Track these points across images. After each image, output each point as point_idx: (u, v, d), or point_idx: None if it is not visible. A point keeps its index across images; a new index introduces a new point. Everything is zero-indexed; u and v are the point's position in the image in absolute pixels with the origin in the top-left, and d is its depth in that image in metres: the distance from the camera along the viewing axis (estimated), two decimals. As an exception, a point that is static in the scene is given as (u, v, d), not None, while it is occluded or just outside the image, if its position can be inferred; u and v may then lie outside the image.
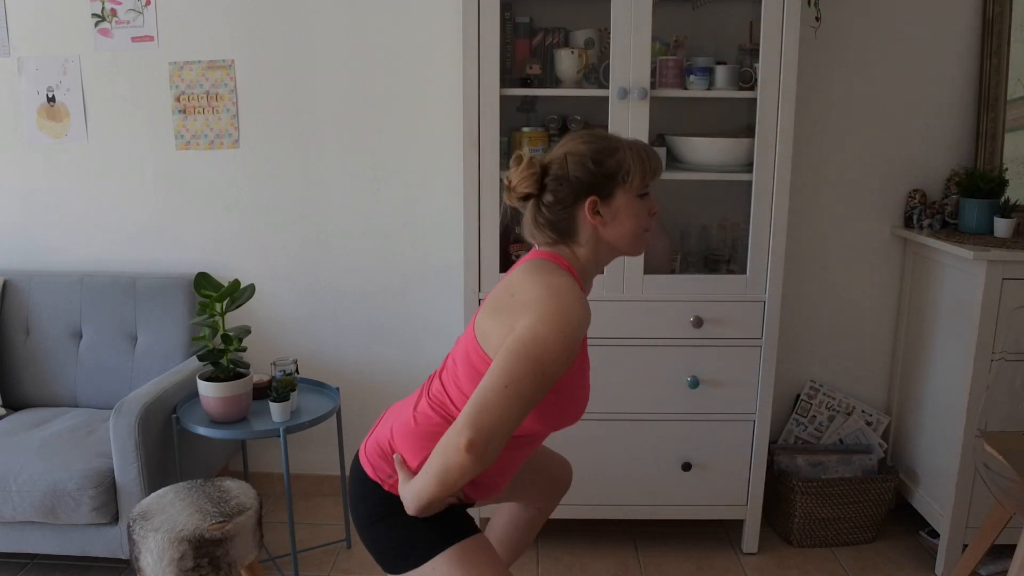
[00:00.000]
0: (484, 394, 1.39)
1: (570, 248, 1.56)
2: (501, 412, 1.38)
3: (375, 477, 1.60)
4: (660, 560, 2.67)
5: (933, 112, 2.77)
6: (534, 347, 1.39)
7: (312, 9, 2.79)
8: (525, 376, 1.38)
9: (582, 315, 1.43)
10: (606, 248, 1.56)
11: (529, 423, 1.52)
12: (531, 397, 1.40)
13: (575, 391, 1.57)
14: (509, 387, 1.38)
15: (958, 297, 2.50)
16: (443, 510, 1.56)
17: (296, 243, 2.95)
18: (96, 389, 2.80)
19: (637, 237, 1.57)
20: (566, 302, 1.43)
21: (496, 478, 1.64)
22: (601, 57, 2.53)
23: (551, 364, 1.40)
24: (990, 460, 2.04)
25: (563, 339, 1.40)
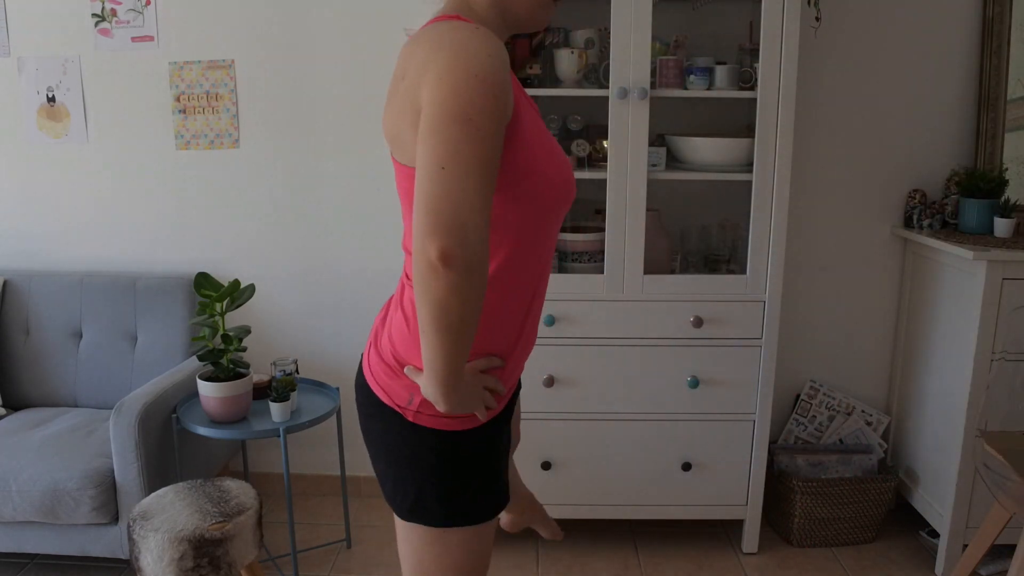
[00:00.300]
0: (423, 188, 1.08)
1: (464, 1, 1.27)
2: (455, 197, 1.07)
3: (392, 404, 1.30)
4: (660, 560, 2.67)
5: (933, 112, 2.77)
6: (449, 104, 1.09)
7: (312, 9, 2.79)
8: (457, 142, 1.08)
9: (487, 45, 1.13)
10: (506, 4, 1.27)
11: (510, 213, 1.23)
12: (480, 164, 1.09)
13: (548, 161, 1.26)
14: (447, 164, 1.08)
15: (958, 297, 2.50)
16: (486, 476, 1.32)
17: (296, 243, 2.95)
18: (96, 389, 2.81)
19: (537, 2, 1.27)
20: (461, 41, 1.13)
21: (530, 335, 1.35)
22: (601, 57, 2.53)
23: (479, 113, 1.09)
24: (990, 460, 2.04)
25: (477, 78, 1.10)
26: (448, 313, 1.10)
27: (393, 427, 1.30)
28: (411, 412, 1.28)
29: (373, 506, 3.03)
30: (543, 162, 1.24)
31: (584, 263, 2.55)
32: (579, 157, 2.50)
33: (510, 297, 1.28)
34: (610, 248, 2.47)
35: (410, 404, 1.28)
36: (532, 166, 1.23)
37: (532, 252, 1.29)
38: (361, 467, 3.08)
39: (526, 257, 1.28)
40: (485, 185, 1.09)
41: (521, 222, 1.24)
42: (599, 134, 2.57)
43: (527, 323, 1.33)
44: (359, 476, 3.09)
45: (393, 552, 2.72)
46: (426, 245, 1.06)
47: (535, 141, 1.24)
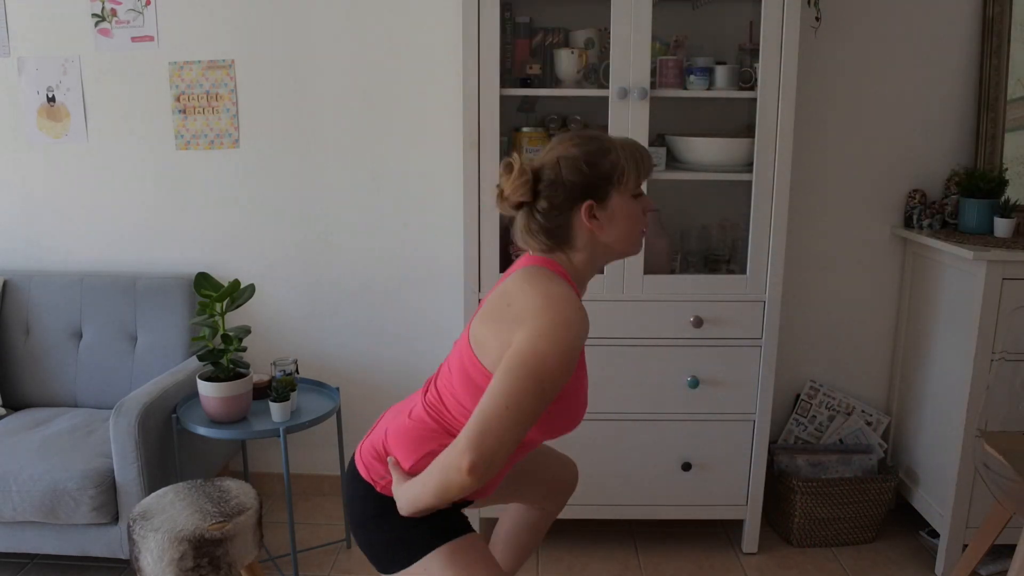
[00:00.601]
0: (485, 414, 1.36)
1: (565, 254, 1.53)
2: (502, 433, 1.35)
3: (368, 478, 1.60)
4: (660, 560, 2.67)
5: (933, 112, 2.77)
6: (534, 364, 1.36)
7: (312, 9, 2.79)
8: (526, 394, 1.36)
9: (581, 327, 1.41)
10: (603, 251, 1.54)
11: (532, 433, 1.52)
12: (532, 414, 1.37)
13: (572, 400, 1.54)
14: (510, 407, 1.35)
15: (958, 297, 2.50)
16: (440, 513, 1.56)
17: (296, 243, 2.95)
18: (96, 389, 2.80)
19: (635, 237, 1.55)
20: (565, 314, 1.40)
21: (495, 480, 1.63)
22: (601, 57, 2.53)
23: (551, 380, 1.37)
24: (990, 460, 2.04)
25: (563, 353, 1.37)
26: (449, 491, 1.40)
27: (367, 497, 1.59)
28: (380, 485, 1.59)
29: (373, 506, 3.03)
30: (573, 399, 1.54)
31: (584, 263, 2.55)
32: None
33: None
34: (610, 248, 2.47)
35: (382, 480, 1.59)
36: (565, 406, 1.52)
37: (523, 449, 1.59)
38: (361, 467, 3.08)
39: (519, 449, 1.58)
40: (526, 430, 1.38)
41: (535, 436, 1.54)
42: (599, 134, 2.57)
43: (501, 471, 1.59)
44: (359, 476, 3.08)
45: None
46: (465, 450, 1.35)
47: (573, 393, 1.53)
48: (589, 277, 1.58)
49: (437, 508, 1.49)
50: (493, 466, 1.36)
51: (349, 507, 1.64)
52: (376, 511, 1.58)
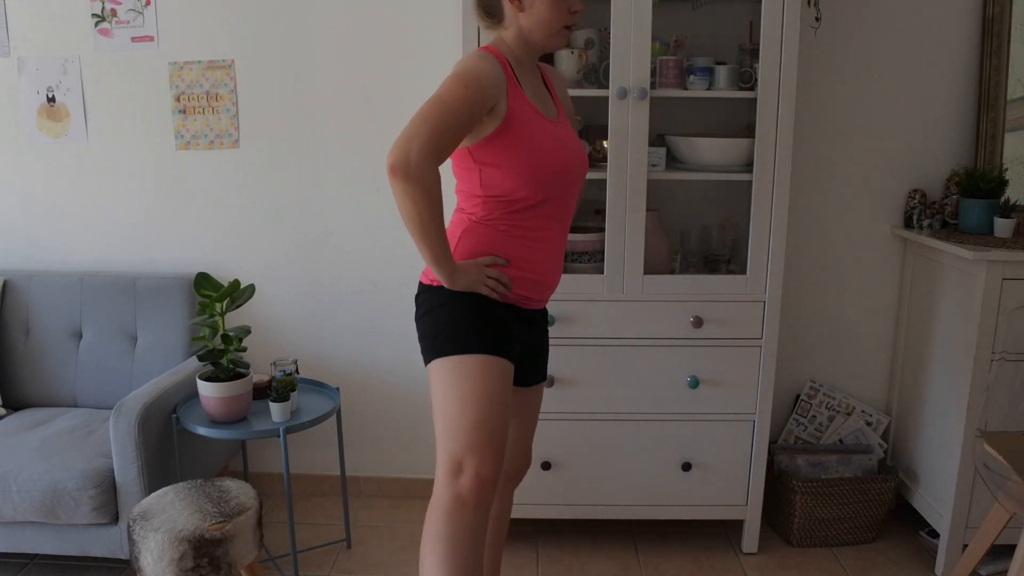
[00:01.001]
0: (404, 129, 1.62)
1: (498, 34, 1.81)
2: (408, 133, 1.60)
3: (427, 280, 1.84)
4: (660, 560, 2.67)
5: (933, 112, 2.77)
6: (442, 86, 1.65)
7: (312, 9, 2.79)
8: (431, 108, 1.62)
9: (478, 63, 1.68)
10: (525, 34, 1.78)
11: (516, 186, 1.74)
12: (437, 123, 1.60)
13: (540, 147, 1.75)
14: (415, 118, 1.61)
15: (958, 297, 2.50)
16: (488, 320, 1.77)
17: (296, 243, 2.95)
18: (96, 389, 2.81)
19: (553, 29, 1.76)
20: (469, 60, 1.70)
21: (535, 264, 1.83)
22: (601, 57, 2.53)
23: (450, 96, 1.62)
24: (990, 460, 2.04)
25: (458, 76, 1.65)
26: (405, 210, 1.63)
27: (426, 292, 1.83)
28: (431, 279, 1.82)
29: (373, 506, 3.03)
30: (536, 147, 1.75)
31: (584, 263, 2.55)
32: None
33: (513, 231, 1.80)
34: (610, 248, 2.47)
35: (430, 275, 1.82)
36: (528, 149, 1.74)
37: (539, 207, 1.79)
38: (361, 467, 3.09)
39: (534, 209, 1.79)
40: (434, 136, 1.60)
41: (521, 186, 1.75)
42: (599, 134, 2.57)
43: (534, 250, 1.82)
44: (359, 476, 3.09)
45: (393, 552, 2.72)
46: (386, 159, 1.61)
47: (530, 133, 1.74)
48: (525, 57, 1.81)
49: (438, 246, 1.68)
50: (411, 159, 1.58)
51: (416, 310, 1.87)
52: (433, 303, 1.80)
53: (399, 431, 3.06)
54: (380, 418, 3.05)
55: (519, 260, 1.81)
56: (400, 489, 3.09)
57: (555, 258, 1.88)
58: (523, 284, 1.83)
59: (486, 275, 1.76)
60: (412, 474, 3.09)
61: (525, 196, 1.77)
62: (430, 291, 1.82)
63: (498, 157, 1.74)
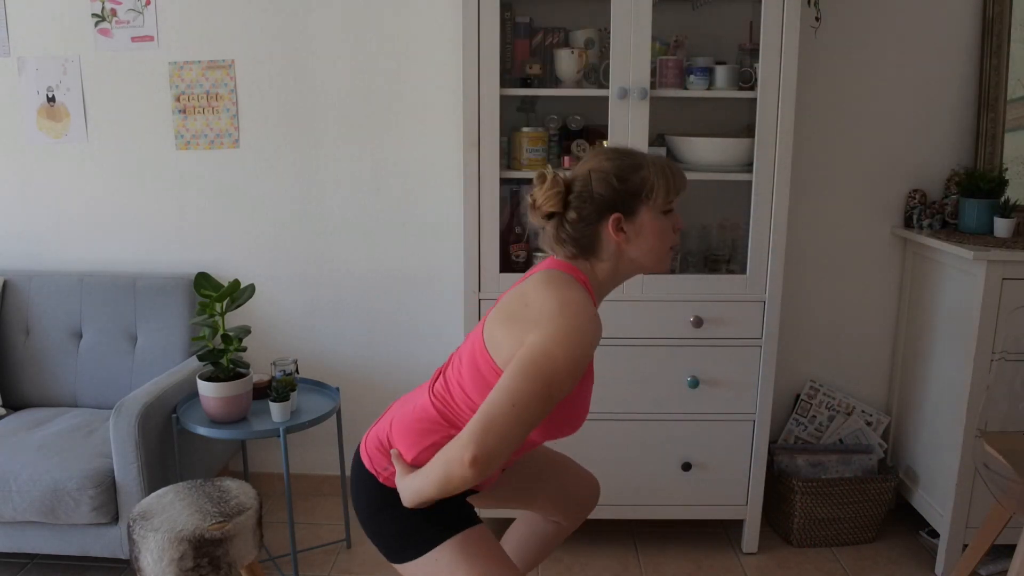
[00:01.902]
0: (491, 411, 1.39)
1: (590, 263, 1.56)
2: (506, 431, 1.38)
3: (371, 469, 1.63)
4: (660, 560, 2.67)
5: (933, 112, 2.77)
6: (544, 366, 1.39)
7: (312, 9, 2.79)
8: (533, 395, 1.38)
9: (595, 335, 1.43)
10: (628, 264, 1.56)
11: (536, 433, 1.55)
12: (537, 415, 1.40)
13: (575, 405, 1.56)
14: (516, 406, 1.38)
15: (958, 297, 2.50)
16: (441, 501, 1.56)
17: (296, 243, 2.95)
18: (96, 389, 2.80)
19: (661, 254, 1.56)
20: (580, 321, 1.42)
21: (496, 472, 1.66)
22: (601, 57, 2.53)
23: (559, 384, 1.40)
24: (990, 460, 2.04)
25: (574, 360, 1.40)
26: (450, 483, 1.42)
27: (370, 488, 1.62)
28: (382, 476, 1.61)
29: (373, 506, 3.03)
30: (577, 406, 1.56)
31: (584, 263, 2.55)
32: (579, 157, 2.50)
33: None
34: (610, 248, 2.47)
35: (385, 471, 1.61)
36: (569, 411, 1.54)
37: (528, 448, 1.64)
38: (361, 467, 3.08)
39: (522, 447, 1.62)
40: (529, 431, 1.40)
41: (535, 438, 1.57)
42: (599, 134, 2.57)
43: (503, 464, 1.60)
44: (359, 476, 3.08)
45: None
46: (468, 443, 1.38)
47: (578, 397, 1.55)
48: (610, 288, 1.60)
49: (438, 499, 1.51)
50: (494, 462, 1.38)
51: (355, 498, 1.67)
52: (381, 503, 1.61)
53: (399, 431, 3.05)
54: (380, 418, 3.05)
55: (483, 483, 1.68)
56: (400, 489, 3.09)
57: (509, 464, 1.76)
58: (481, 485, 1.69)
59: None
60: (412, 474, 3.08)
61: (530, 441, 1.60)
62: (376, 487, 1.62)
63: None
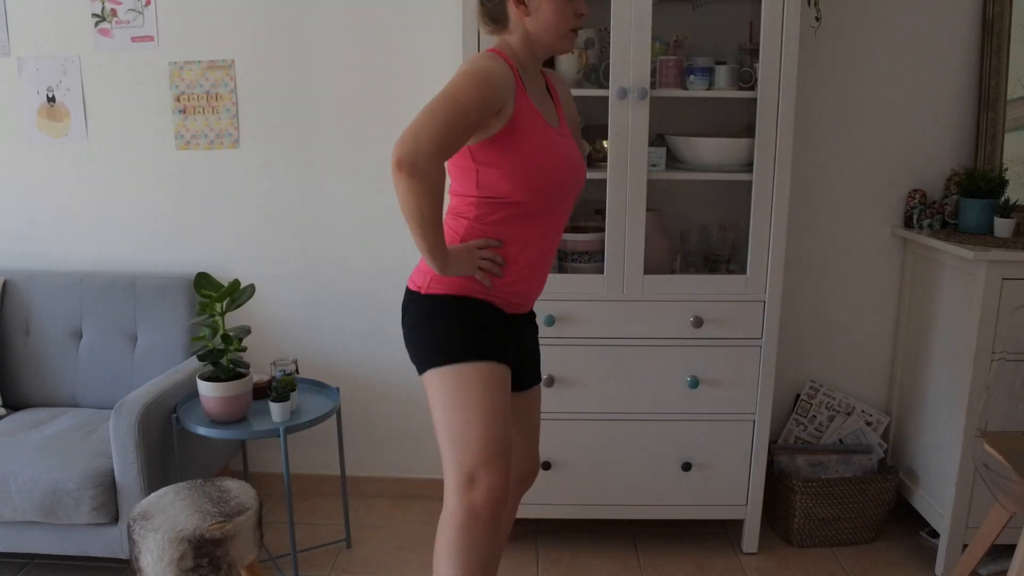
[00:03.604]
0: (411, 123, 1.60)
1: (503, 38, 1.80)
2: (416, 128, 1.58)
3: (414, 287, 1.83)
4: (660, 560, 2.67)
5: (933, 112, 2.77)
6: (450, 86, 1.64)
7: (312, 9, 2.79)
8: (439, 103, 1.60)
9: (489, 63, 1.67)
10: (531, 39, 1.77)
11: (512, 189, 1.74)
12: (446, 120, 1.59)
13: (541, 153, 1.75)
14: (423, 113, 1.60)
15: (958, 297, 2.50)
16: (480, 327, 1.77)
17: (296, 243, 2.95)
18: (96, 389, 2.80)
19: (560, 32, 1.77)
20: (478, 60, 1.69)
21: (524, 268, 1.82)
22: (601, 57, 2.53)
23: (461, 93, 1.61)
24: (990, 460, 2.04)
25: (470, 74, 1.64)
26: (407, 204, 1.62)
27: (415, 302, 1.82)
28: (424, 288, 1.80)
29: (373, 506, 3.03)
30: (538, 154, 1.75)
31: (584, 263, 2.55)
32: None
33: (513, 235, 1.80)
34: (610, 248, 2.47)
35: (424, 283, 1.81)
36: (529, 154, 1.74)
37: (532, 216, 1.79)
38: (361, 467, 3.09)
39: (526, 217, 1.79)
40: (444, 133, 1.59)
41: (516, 191, 1.75)
42: (599, 134, 2.57)
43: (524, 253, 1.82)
44: (359, 476, 3.09)
45: (393, 552, 2.72)
46: (392, 154, 1.58)
47: (534, 139, 1.74)
48: (530, 61, 1.80)
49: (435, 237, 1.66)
50: (418, 157, 1.57)
51: (405, 319, 1.85)
52: (427, 311, 1.80)
53: (399, 431, 3.06)
54: (380, 418, 3.05)
55: (509, 263, 1.81)
56: (400, 489, 3.09)
57: (544, 266, 1.89)
58: (510, 285, 1.83)
59: (479, 257, 1.76)
60: (412, 474, 3.09)
61: (520, 200, 1.76)
62: (420, 299, 1.81)
63: (498, 158, 1.73)
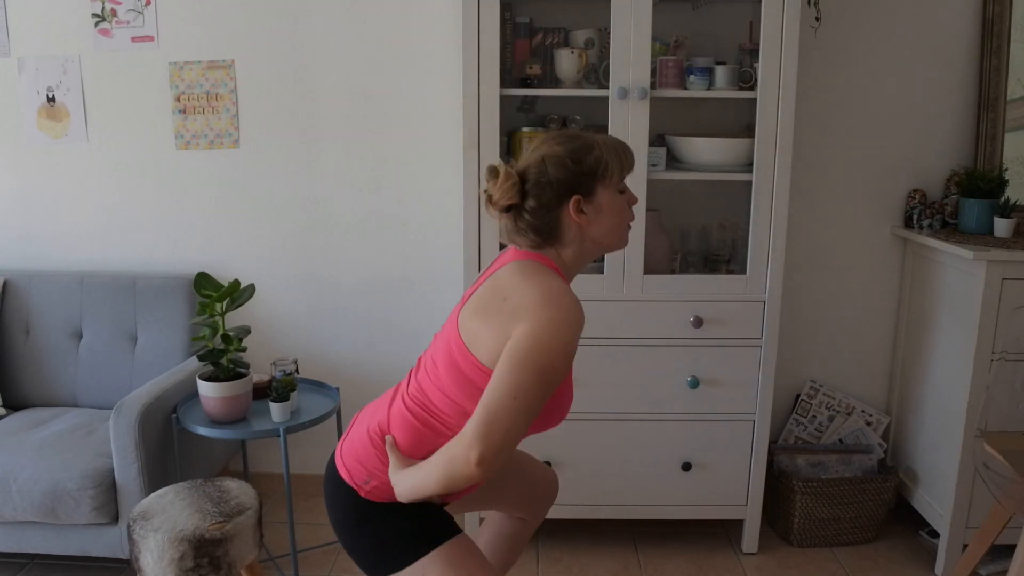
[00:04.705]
0: (492, 407, 1.37)
1: (555, 249, 1.55)
2: (510, 424, 1.37)
3: (351, 483, 1.59)
4: (660, 560, 2.67)
5: (933, 112, 2.77)
6: (538, 356, 1.38)
7: (312, 9, 2.79)
8: (531, 386, 1.38)
9: (580, 320, 1.44)
10: (591, 245, 1.57)
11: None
12: (536, 406, 1.40)
13: (563, 392, 1.57)
14: (517, 399, 1.37)
15: (958, 297, 2.50)
16: (421, 511, 1.57)
17: (296, 243, 2.95)
18: (96, 389, 2.80)
19: (622, 231, 1.58)
20: (565, 307, 1.42)
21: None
22: (601, 57, 2.53)
23: (554, 372, 1.40)
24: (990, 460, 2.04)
25: (565, 346, 1.40)
26: (454, 482, 1.41)
27: (349, 502, 1.59)
28: (363, 491, 1.58)
29: (373, 506, 3.03)
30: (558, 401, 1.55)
31: (584, 263, 2.55)
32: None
33: None
34: (610, 248, 2.47)
35: (366, 484, 1.58)
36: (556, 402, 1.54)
37: None
38: (361, 467, 3.08)
39: None
40: (530, 422, 1.40)
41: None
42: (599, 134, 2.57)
43: None
44: (359, 476, 3.08)
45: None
46: (473, 443, 1.36)
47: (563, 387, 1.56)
48: (576, 272, 1.60)
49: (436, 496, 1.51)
50: (500, 458, 1.37)
51: (332, 511, 1.62)
52: (361, 517, 1.58)
53: (399, 431, 3.06)
54: (380, 418, 3.05)
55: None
56: (400, 489, 3.09)
57: None
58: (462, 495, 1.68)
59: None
60: (412, 474, 3.09)
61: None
62: (354, 501, 1.58)
63: None
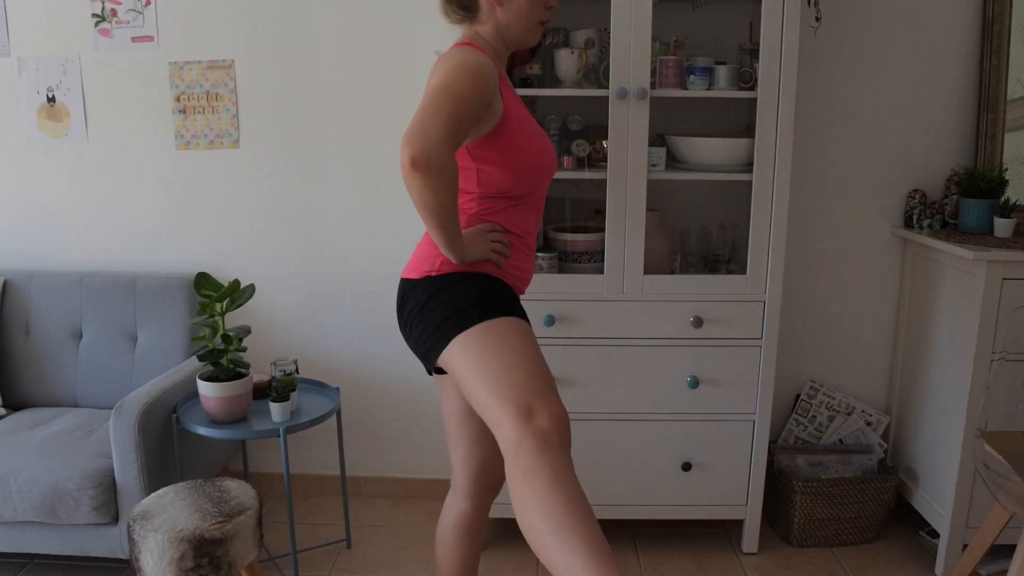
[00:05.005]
0: (413, 119, 1.55)
1: (474, 28, 1.78)
2: (428, 126, 1.52)
3: (423, 275, 1.75)
4: (660, 560, 2.67)
5: (933, 112, 2.78)
6: (442, 79, 1.58)
7: (312, 9, 2.79)
8: (439, 97, 1.55)
9: (476, 57, 1.63)
10: (504, 29, 1.76)
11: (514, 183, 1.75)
12: (451, 113, 1.54)
13: (532, 142, 1.76)
14: (426, 107, 1.54)
15: (958, 297, 2.50)
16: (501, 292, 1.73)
17: (296, 243, 2.95)
18: (96, 389, 2.81)
19: (531, 23, 1.76)
20: (462, 54, 1.64)
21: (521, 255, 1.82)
22: (601, 57, 2.53)
23: (459, 86, 1.56)
24: (990, 460, 2.04)
25: (462, 69, 1.59)
26: (426, 201, 1.56)
27: (420, 287, 1.75)
28: (435, 270, 1.74)
29: (373, 506, 3.03)
30: (530, 144, 1.77)
31: (584, 263, 2.55)
32: (579, 157, 2.50)
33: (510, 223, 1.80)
34: (610, 248, 2.47)
35: (432, 267, 1.75)
36: (523, 146, 1.74)
37: (525, 202, 1.82)
38: (361, 467, 3.09)
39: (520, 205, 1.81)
40: (450, 125, 1.53)
41: (516, 183, 1.76)
42: (599, 134, 2.57)
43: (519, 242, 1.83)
44: (359, 476, 3.09)
45: (393, 552, 2.72)
46: (401, 153, 1.52)
47: (524, 130, 1.76)
48: (502, 54, 1.80)
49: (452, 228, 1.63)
50: (429, 153, 1.51)
51: (410, 300, 1.76)
52: (437, 287, 1.73)
53: (399, 431, 3.06)
54: (380, 418, 3.05)
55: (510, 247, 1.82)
56: (400, 489, 3.09)
57: (534, 244, 1.90)
58: (515, 265, 1.83)
59: (490, 240, 1.75)
60: (412, 474, 3.09)
61: (520, 193, 1.78)
62: (427, 282, 1.74)
63: (497, 154, 1.72)
